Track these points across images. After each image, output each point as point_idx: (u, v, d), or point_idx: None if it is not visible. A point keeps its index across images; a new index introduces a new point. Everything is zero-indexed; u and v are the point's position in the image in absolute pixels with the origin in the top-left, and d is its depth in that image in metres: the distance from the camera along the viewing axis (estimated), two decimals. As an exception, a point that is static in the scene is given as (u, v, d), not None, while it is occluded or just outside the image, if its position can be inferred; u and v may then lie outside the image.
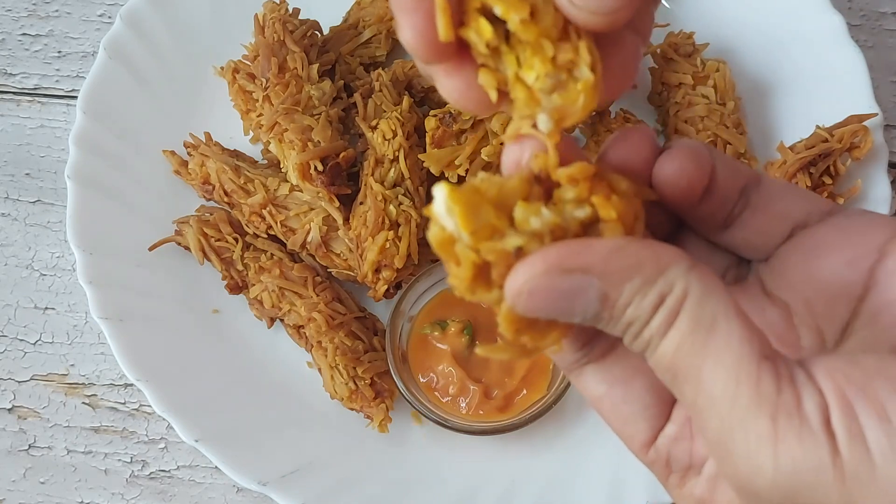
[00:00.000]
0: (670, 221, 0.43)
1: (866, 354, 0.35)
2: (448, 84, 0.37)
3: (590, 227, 0.36)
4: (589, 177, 0.36)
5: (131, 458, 0.79)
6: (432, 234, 0.35)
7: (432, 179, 0.78)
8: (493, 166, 0.76)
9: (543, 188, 0.36)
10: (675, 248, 0.36)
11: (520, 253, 0.35)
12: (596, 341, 0.40)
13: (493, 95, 0.36)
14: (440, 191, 0.35)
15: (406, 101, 0.79)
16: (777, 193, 0.41)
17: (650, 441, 0.41)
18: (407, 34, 0.35)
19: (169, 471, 0.79)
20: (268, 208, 0.78)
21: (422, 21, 0.34)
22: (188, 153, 0.82)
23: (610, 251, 0.35)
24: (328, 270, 0.80)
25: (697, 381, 0.35)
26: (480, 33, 0.34)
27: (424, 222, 0.76)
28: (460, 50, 0.36)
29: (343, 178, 0.77)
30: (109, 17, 0.93)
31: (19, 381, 0.81)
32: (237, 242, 0.79)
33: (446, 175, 0.76)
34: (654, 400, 0.40)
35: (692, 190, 0.39)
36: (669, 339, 0.35)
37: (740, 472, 0.35)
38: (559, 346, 0.38)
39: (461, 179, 0.76)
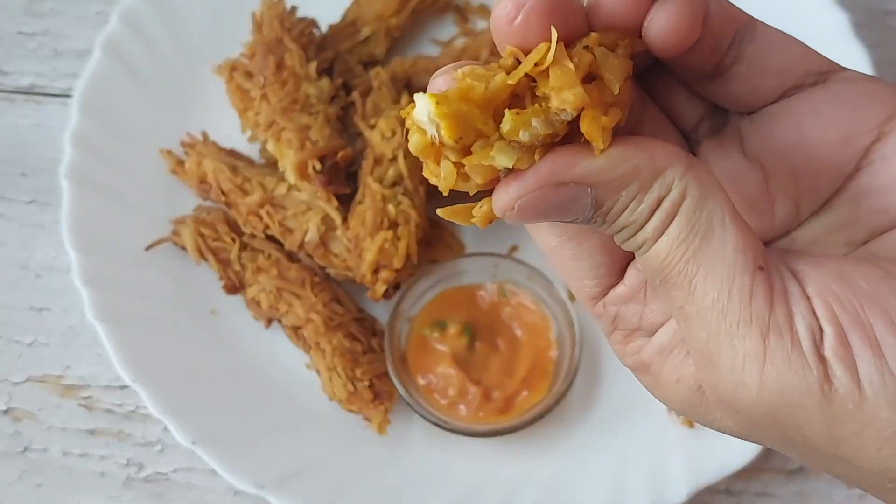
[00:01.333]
0: (646, 59, 0.40)
1: (860, 270, 0.35)
2: None
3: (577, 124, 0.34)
4: (581, 105, 0.33)
5: (127, 460, 0.78)
6: (413, 143, 0.34)
7: (432, 179, 0.78)
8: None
9: (527, 78, 0.34)
10: (672, 147, 0.35)
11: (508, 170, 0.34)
12: None
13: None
14: (425, 102, 0.33)
15: (405, 99, 0.78)
16: (774, 47, 0.39)
17: (598, 297, 0.41)
18: None
19: (165, 473, 0.78)
20: (265, 208, 0.78)
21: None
22: (185, 152, 0.82)
23: (605, 161, 0.34)
24: (326, 271, 0.79)
25: (688, 289, 0.35)
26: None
27: (424, 222, 0.76)
28: None
29: (341, 178, 0.76)
30: (105, 15, 0.93)
31: (14, 383, 0.80)
32: (234, 242, 0.79)
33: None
34: (605, 259, 0.40)
35: (681, 43, 0.36)
36: (662, 243, 0.35)
37: (723, 384, 0.35)
38: None
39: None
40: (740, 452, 0.73)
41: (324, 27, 0.86)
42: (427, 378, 0.76)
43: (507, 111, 0.33)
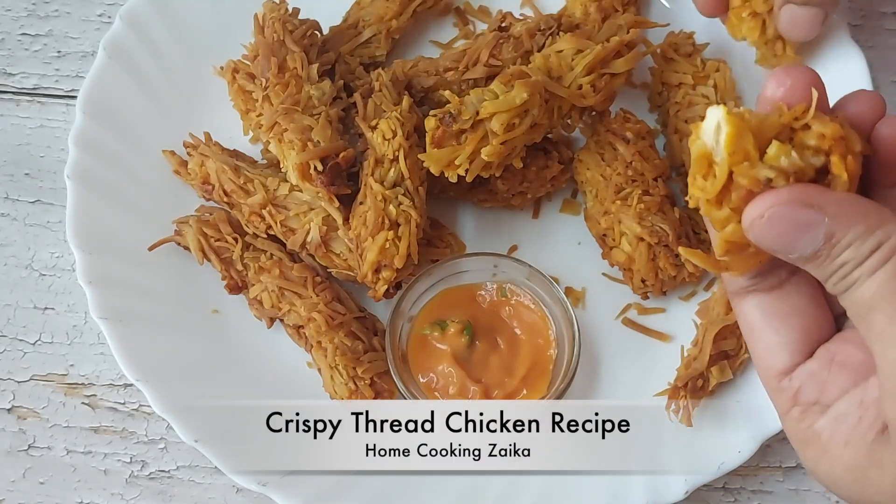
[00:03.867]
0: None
1: None
2: None
3: (821, 173, 0.43)
4: (836, 137, 0.42)
5: (131, 458, 0.79)
6: (695, 145, 0.43)
7: (432, 179, 0.78)
8: (499, 163, 0.75)
9: (788, 128, 0.44)
10: (887, 209, 0.43)
11: (767, 184, 0.42)
12: (767, 275, 0.46)
13: None
14: (717, 112, 0.43)
15: (406, 100, 0.79)
16: None
17: (786, 371, 0.47)
18: None
19: (168, 471, 0.79)
20: (267, 208, 0.78)
21: None
22: (188, 153, 0.82)
23: (842, 198, 0.42)
24: (328, 270, 0.80)
25: (893, 314, 0.41)
26: None
27: (424, 222, 0.77)
28: None
29: (343, 178, 0.76)
30: (109, 17, 0.94)
31: (19, 382, 0.81)
32: (237, 242, 0.79)
33: (446, 175, 0.76)
34: (803, 337, 0.47)
35: None
36: (876, 278, 0.41)
37: None
38: (750, 271, 0.45)
39: (461, 179, 0.75)
40: (738, 451, 0.74)
41: (325, 29, 0.86)
42: (428, 377, 0.77)
43: (774, 141, 0.43)
